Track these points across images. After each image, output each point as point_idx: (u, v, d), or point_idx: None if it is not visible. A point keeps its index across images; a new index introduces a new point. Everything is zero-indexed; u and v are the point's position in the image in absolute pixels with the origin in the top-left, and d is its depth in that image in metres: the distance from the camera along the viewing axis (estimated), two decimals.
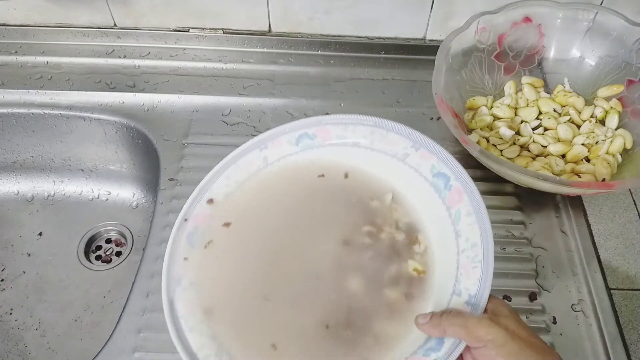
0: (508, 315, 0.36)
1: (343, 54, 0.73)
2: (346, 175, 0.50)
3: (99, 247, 0.70)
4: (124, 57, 0.72)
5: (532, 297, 0.52)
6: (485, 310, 0.38)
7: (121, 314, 0.51)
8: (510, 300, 0.52)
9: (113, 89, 0.68)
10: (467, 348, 0.36)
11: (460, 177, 0.43)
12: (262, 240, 0.47)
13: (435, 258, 0.44)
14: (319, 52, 0.73)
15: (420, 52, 0.72)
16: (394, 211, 0.48)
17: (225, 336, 0.42)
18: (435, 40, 0.72)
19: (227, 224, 0.47)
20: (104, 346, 0.49)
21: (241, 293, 0.44)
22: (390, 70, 0.72)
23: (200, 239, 0.46)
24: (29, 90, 0.68)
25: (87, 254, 0.69)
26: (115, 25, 0.72)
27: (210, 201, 0.47)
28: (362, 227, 0.47)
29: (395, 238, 0.46)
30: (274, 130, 0.50)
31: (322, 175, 0.50)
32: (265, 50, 0.73)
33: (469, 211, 0.42)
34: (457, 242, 0.42)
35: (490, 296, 0.38)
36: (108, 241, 0.71)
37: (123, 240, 0.70)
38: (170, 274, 0.43)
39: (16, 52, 0.71)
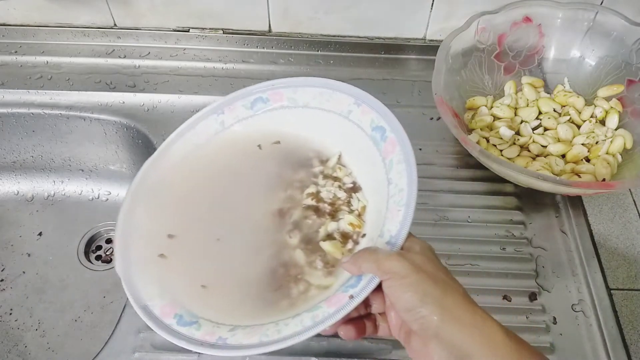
0: (419, 252, 0.38)
1: (343, 54, 0.73)
2: (293, 138, 0.52)
3: (99, 247, 0.70)
4: (124, 57, 0.72)
5: (532, 297, 0.52)
6: (402, 249, 0.39)
7: (121, 314, 0.51)
8: (510, 301, 0.52)
9: (113, 89, 0.68)
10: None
11: (395, 129, 0.45)
12: (206, 197, 0.50)
13: (372, 211, 0.46)
14: (319, 52, 0.73)
15: (420, 52, 0.72)
16: (338, 170, 0.50)
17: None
18: (435, 40, 0.72)
19: (179, 182, 0.50)
20: (104, 346, 0.49)
21: (175, 241, 0.47)
22: (390, 70, 0.72)
23: (156, 193, 0.49)
24: (29, 90, 0.68)
25: (87, 254, 0.69)
26: (115, 25, 0.72)
27: (168, 161, 0.51)
28: (305, 187, 0.49)
29: (336, 196, 0.48)
30: (229, 96, 0.53)
31: (278, 142, 0.52)
32: (265, 50, 0.73)
33: (399, 160, 0.43)
34: (388, 189, 0.43)
35: (410, 236, 0.39)
36: (108, 241, 0.71)
37: None
38: (127, 223, 0.46)
39: (16, 52, 0.71)
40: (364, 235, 0.45)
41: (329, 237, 0.46)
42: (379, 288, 0.37)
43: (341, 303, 0.37)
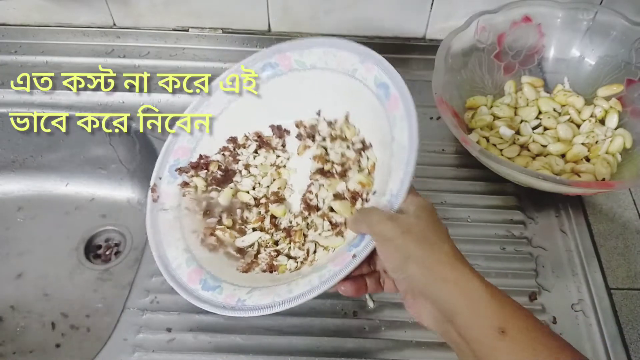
0: (412, 213, 0.38)
1: None
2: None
3: (99, 247, 0.70)
4: (124, 56, 0.72)
5: (532, 296, 0.52)
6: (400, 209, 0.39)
7: (121, 314, 0.51)
8: None
9: (113, 89, 0.68)
10: None
11: (398, 85, 0.44)
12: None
13: (381, 168, 0.46)
14: None
15: (420, 51, 0.72)
16: (346, 130, 0.50)
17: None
18: (435, 40, 0.72)
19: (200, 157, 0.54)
20: (103, 346, 0.49)
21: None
22: None
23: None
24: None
25: (86, 254, 0.69)
26: (114, 25, 0.72)
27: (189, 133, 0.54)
28: (314, 149, 0.52)
29: (345, 156, 0.50)
30: (238, 65, 0.54)
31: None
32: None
33: (402, 116, 0.43)
34: (392, 147, 0.43)
35: (411, 194, 0.39)
36: (107, 241, 0.71)
37: (122, 240, 0.70)
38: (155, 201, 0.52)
39: (16, 52, 0.71)
40: (374, 192, 0.45)
41: (338, 197, 0.47)
42: None
43: (345, 262, 0.39)
